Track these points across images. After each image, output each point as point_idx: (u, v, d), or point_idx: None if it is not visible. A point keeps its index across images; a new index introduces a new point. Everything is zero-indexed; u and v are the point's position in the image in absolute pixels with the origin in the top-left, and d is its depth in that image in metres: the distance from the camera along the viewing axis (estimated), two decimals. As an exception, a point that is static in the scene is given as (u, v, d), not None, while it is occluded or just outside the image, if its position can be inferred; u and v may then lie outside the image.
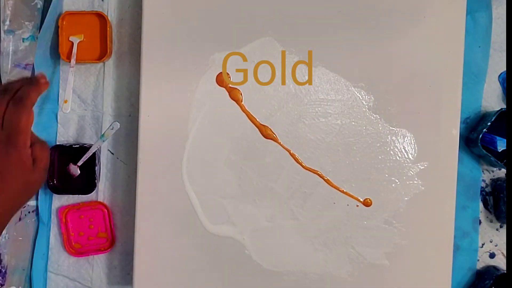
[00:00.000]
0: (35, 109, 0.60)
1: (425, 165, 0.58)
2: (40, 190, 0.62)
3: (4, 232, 0.57)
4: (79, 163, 0.59)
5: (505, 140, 0.59)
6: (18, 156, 0.42)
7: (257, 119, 0.58)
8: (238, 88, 0.58)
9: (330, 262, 0.58)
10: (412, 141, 0.58)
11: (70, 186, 0.61)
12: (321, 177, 0.58)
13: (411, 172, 0.58)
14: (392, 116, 0.58)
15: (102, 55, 0.62)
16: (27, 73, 0.59)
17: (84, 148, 0.60)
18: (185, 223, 0.58)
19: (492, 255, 0.64)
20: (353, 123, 0.58)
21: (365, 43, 0.58)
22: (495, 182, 0.64)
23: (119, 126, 0.57)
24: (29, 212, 0.63)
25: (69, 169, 0.60)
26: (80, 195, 0.62)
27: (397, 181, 0.58)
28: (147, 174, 0.57)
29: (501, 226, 0.64)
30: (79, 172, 0.60)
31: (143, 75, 0.58)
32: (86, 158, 0.59)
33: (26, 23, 0.58)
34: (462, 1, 0.58)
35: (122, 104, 0.63)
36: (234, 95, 0.58)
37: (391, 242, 0.58)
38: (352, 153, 0.58)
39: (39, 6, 0.60)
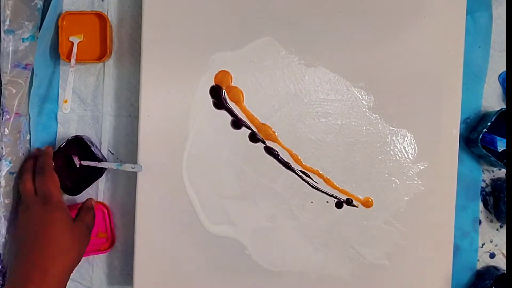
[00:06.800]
0: (34, 109, 0.61)
1: (425, 165, 0.58)
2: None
3: (4, 232, 0.57)
4: (84, 162, 0.59)
5: (505, 140, 0.59)
6: (57, 211, 0.53)
7: (257, 119, 0.58)
8: (238, 87, 0.58)
9: (330, 262, 0.58)
10: (412, 141, 0.58)
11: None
12: (320, 177, 0.58)
13: (411, 172, 0.58)
14: (392, 116, 0.58)
15: (102, 55, 0.62)
16: (27, 73, 0.59)
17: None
18: (185, 223, 0.58)
19: (492, 255, 0.64)
20: (353, 123, 0.58)
21: (365, 43, 0.58)
22: (495, 182, 0.64)
23: (141, 170, 0.57)
24: (29, 212, 0.63)
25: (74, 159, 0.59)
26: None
27: (397, 181, 0.58)
28: (147, 174, 0.57)
29: (501, 226, 0.64)
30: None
31: (143, 75, 0.58)
32: (92, 164, 0.59)
33: (26, 23, 0.58)
34: (462, 1, 0.58)
35: (122, 104, 0.63)
36: (234, 94, 0.58)
37: (391, 242, 0.58)
38: (352, 153, 0.58)
39: (39, 6, 0.60)
